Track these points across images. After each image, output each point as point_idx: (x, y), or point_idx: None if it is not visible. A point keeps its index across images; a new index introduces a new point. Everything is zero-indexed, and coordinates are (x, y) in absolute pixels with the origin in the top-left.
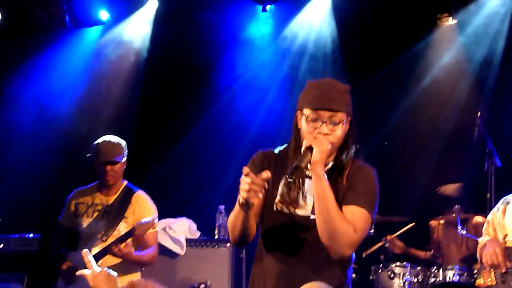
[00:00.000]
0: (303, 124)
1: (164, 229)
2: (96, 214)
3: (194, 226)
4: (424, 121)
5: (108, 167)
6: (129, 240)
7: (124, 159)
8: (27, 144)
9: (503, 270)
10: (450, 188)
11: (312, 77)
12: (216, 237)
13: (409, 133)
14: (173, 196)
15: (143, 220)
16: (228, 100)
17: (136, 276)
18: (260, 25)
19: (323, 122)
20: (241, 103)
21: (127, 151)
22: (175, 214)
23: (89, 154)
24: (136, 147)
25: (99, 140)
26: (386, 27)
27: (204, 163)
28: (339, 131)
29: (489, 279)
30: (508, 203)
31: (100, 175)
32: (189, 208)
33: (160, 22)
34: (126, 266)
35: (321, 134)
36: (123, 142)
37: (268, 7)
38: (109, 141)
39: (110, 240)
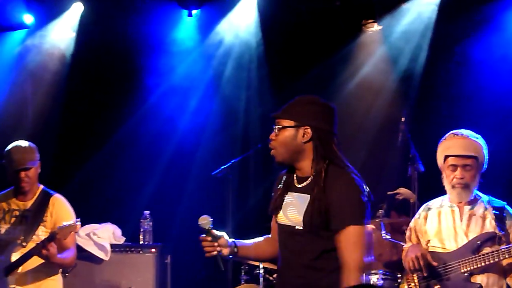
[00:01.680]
0: None
1: (88, 234)
2: (13, 219)
3: (118, 231)
4: (348, 127)
5: (22, 174)
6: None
7: (38, 163)
8: None
9: (426, 274)
10: (407, 192)
11: (236, 82)
12: (141, 242)
13: None
14: (97, 201)
15: (64, 224)
16: (152, 104)
17: (57, 279)
18: (185, 30)
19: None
20: (165, 107)
21: (39, 154)
22: (99, 220)
23: (2, 161)
24: (59, 152)
25: (10, 147)
26: (312, 32)
27: (128, 168)
28: (280, 135)
29: (412, 284)
30: (429, 209)
31: (14, 181)
32: (113, 214)
33: (85, 26)
34: (46, 269)
35: None
36: (34, 146)
37: (194, 12)
38: (20, 146)
39: (30, 245)
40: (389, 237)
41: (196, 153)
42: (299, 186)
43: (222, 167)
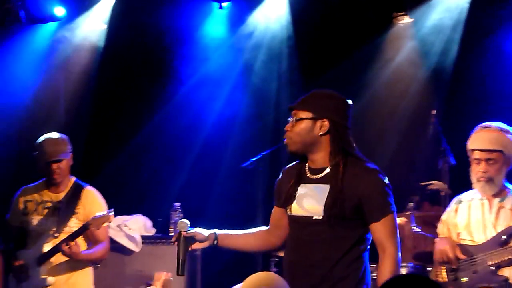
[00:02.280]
0: None
1: (119, 226)
2: (46, 211)
3: (149, 223)
4: (378, 119)
5: (54, 166)
6: (80, 238)
7: (70, 155)
8: None
9: (454, 266)
10: (439, 184)
11: (267, 74)
12: (171, 234)
13: (363, 131)
14: (128, 193)
15: (97, 214)
16: (183, 96)
17: (87, 272)
18: (216, 22)
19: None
20: (196, 99)
21: (71, 146)
22: (130, 211)
23: (35, 153)
24: (90, 143)
25: (42, 139)
26: (343, 24)
27: (159, 160)
28: (297, 126)
29: (440, 276)
30: (460, 201)
31: (46, 173)
32: (144, 205)
33: (116, 18)
34: (77, 262)
35: None
36: (66, 138)
37: (224, 4)
38: (52, 138)
39: (62, 236)
40: (419, 230)
41: (226, 145)
42: (314, 177)
43: (252, 159)
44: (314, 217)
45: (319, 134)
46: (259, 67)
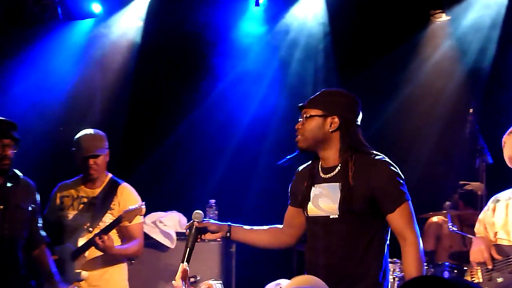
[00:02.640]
0: None
1: (154, 222)
2: (81, 206)
3: (184, 219)
4: (415, 117)
5: (91, 161)
6: (113, 231)
7: (106, 151)
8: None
9: (490, 266)
10: (475, 184)
11: (303, 72)
12: None
13: (400, 129)
14: (163, 189)
15: (130, 207)
16: (219, 93)
17: (122, 267)
18: (252, 19)
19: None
20: (232, 97)
21: (108, 143)
22: (165, 208)
23: (73, 149)
24: (127, 140)
25: (80, 134)
26: (379, 22)
27: (195, 157)
28: (307, 124)
29: (476, 276)
30: (498, 201)
31: (83, 169)
32: (179, 202)
33: (153, 15)
34: (111, 258)
35: None
36: (103, 134)
37: (261, 1)
38: (90, 134)
39: (97, 231)
40: (456, 229)
41: (262, 142)
42: (327, 176)
43: (288, 156)
44: (331, 216)
45: (330, 130)
46: (295, 64)
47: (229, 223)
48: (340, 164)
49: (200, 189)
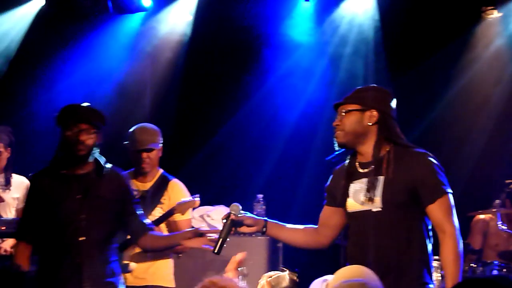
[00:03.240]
0: None
1: (201, 216)
2: None
3: None
4: (466, 114)
5: (144, 155)
6: (163, 226)
7: (160, 146)
8: None
9: None
10: None
11: (353, 69)
12: None
13: (451, 126)
14: (211, 184)
15: (183, 199)
16: (269, 88)
17: (168, 262)
18: (302, 15)
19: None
20: (282, 92)
21: (162, 139)
22: (213, 202)
23: (126, 142)
24: (175, 135)
25: (134, 128)
26: (430, 18)
27: (243, 152)
28: (346, 119)
29: None
30: None
31: (136, 162)
32: (227, 197)
33: (203, 10)
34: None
35: None
36: (157, 129)
37: None
38: (144, 127)
39: None
40: (505, 227)
41: (312, 138)
42: (366, 170)
43: (337, 152)
44: (373, 210)
45: (368, 124)
46: (345, 61)
47: (266, 218)
48: (378, 158)
49: (248, 184)
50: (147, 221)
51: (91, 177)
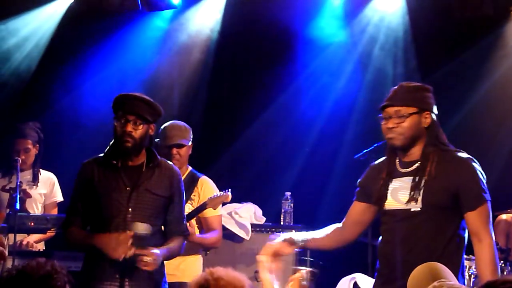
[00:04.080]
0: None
1: (229, 213)
2: None
3: (259, 211)
4: (495, 114)
5: (174, 150)
6: (193, 221)
7: (190, 143)
8: (94, 126)
9: None
10: None
11: (382, 67)
12: (282, 223)
13: (481, 125)
14: (239, 181)
15: (214, 194)
16: (298, 86)
17: (197, 258)
18: (331, 14)
19: (388, 118)
20: (311, 90)
21: (192, 136)
22: (241, 200)
23: (157, 139)
24: (204, 132)
25: (165, 125)
26: (460, 18)
27: (271, 150)
28: (406, 122)
29: None
30: None
31: (166, 159)
32: (255, 194)
33: (232, 8)
34: (188, 247)
35: None
36: (188, 127)
37: None
38: (175, 124)
39: None
40: None
41: (340, 136)
42: (407, 170)
43: (365, 150)
44: (412, 209)
45: (424, 127)
46: (374, 59)
47: (301, 237)
48: (421, 159)
49: (276, 181)
50: (184, 225)
51: (142, 170)
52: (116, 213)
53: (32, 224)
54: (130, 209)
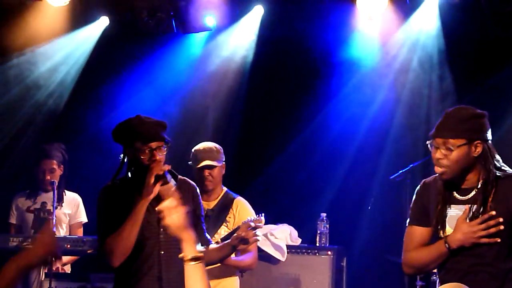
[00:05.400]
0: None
1: (265, 235)
2: None
3: (295, 233)
4: None
5: (206, 172)
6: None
7: (222, 163)
8: None
9: None
10: None
11: (418, 86)
12: (317, 244)
13: None
14: (275, 202)
15: (249, 218)
16: (333, 107)
17: (234, 280)
18: (365, 35)
19: (436, 148)
20: (347, 110)
21: (224, 156)
22: (276, 221)
23: (189, 162)
24: (240, 153)
25: (197, 147)
26: (495, 36)
27: (307, 171)
28: (454, 155)
29: None
30: None
31: (199, 181)
32: (290, 215)
33: (265, 29)
34: (225, 269)
35: None
36: (219, 147)
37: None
38: (206, 146)
39: None
40: None
41: (377, 157)
42: (464, 198)
43: (401, 171)
44: None
45: (474, 156)
46: (410, 79)
47: None
48: (479, 186)
49: (312, 202)
50: (207, 236)
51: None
52: (149, 235)
53: (69, 246)
54: (161, 229)
